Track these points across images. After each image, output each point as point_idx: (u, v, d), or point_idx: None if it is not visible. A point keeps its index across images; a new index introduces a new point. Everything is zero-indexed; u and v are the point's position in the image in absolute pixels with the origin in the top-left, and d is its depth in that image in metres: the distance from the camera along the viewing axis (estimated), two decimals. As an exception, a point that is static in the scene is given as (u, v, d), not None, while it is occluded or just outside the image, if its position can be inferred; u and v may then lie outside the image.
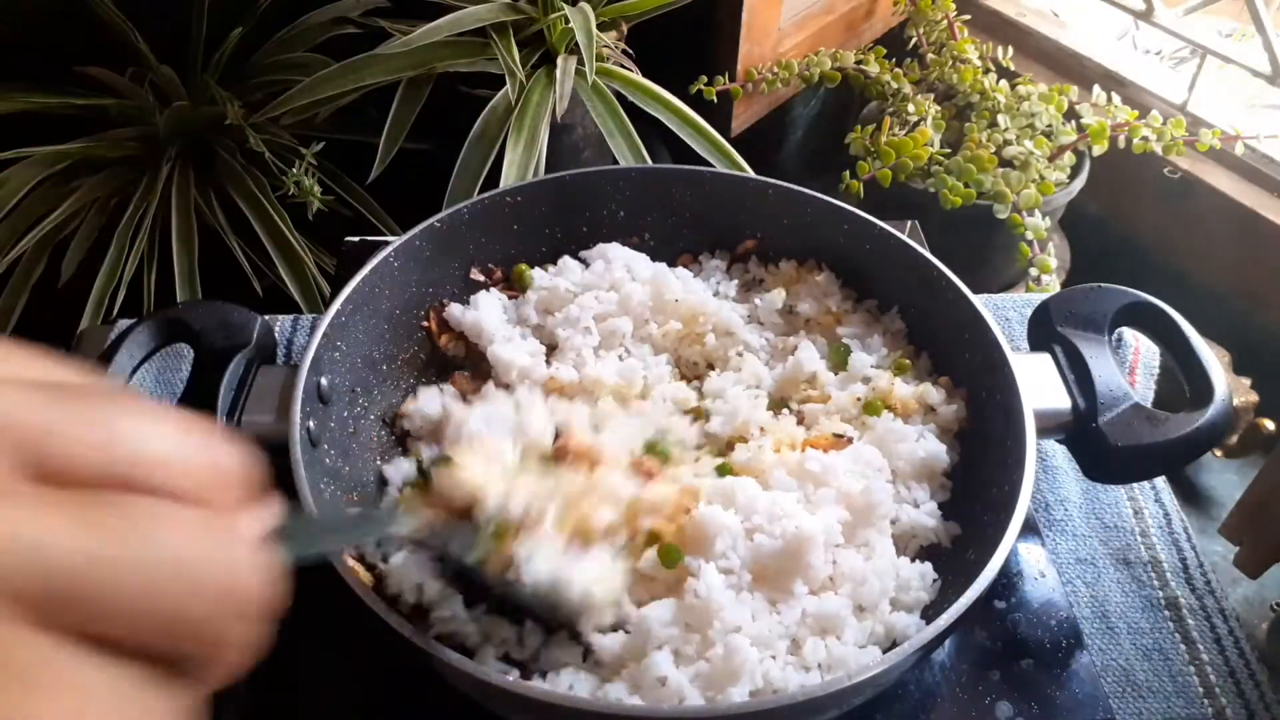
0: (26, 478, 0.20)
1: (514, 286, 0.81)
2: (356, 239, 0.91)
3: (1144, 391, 0.84)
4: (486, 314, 0.76)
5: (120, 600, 0.20)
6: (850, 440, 0.68)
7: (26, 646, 0.18)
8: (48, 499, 0.19)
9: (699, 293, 0.77)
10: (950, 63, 1.47)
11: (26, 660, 0.18)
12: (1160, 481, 0.80)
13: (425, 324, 0.78)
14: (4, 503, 0.19)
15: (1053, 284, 1.31)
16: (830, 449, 0.66)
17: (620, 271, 0.78)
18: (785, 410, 0.71)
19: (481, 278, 0.81)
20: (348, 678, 0.64)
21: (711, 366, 0.76)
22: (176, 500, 0.21)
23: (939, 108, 1.44)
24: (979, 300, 0.70)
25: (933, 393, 0.70)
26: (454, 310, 0.77)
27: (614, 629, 0.58)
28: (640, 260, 0.80)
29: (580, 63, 1.19)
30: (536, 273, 0.80)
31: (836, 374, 0.73)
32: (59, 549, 0.19)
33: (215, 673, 0.22)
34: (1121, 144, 1.34)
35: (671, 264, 0.81)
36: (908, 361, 0.73)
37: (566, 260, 0.81)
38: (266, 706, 0.63)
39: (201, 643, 0.21)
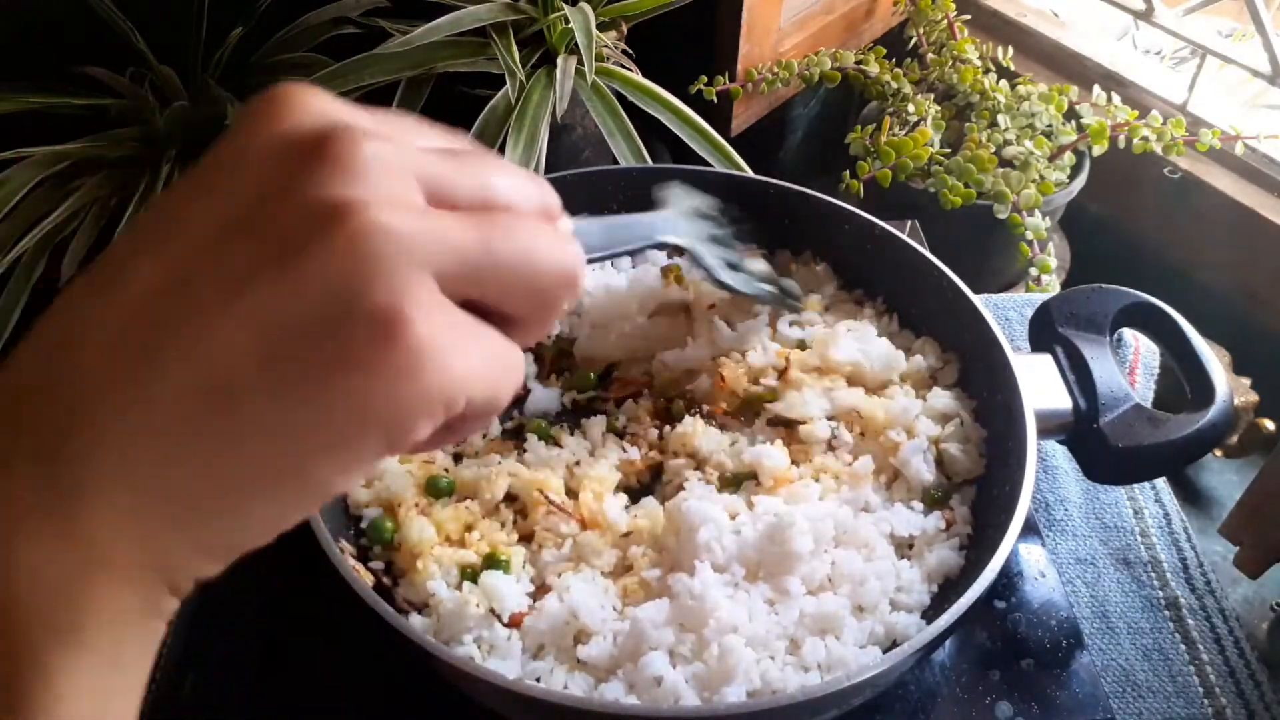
0: (431, 203, 0.28)
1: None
2: (356, 239, 0.91)
3: (1144, 392, 0.84)
4: None
5: (503, 275, 0.29)
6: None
7: (447, 310, 0.27)
8: (449, 213, 0.28)
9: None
10: (950, 63, 1.46)
11: (448, 319, 0.27)
12: (1160, 481, 0.80)
13: None
14: (426, 216, 0.27)
15: (1053, 284, 1.31)
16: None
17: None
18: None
19: None
20: (346, 676, 0.64)
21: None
22: (523, 214, 0.30)
23: (939, 108, 1.44)
24: (979, 300, 0.70)
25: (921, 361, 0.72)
26: None
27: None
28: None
29: (580, 63, 1.19)
30: None
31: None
32: (465, 240, 0.28)
33: (539, 330, 0.31)
34: (1121, 144, 1.34)
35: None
36: None
37: None
38: (266, 707, 0.63)
39: (544, 306, 0.31)
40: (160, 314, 0.26)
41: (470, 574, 0.60)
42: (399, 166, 0.27)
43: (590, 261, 0.46)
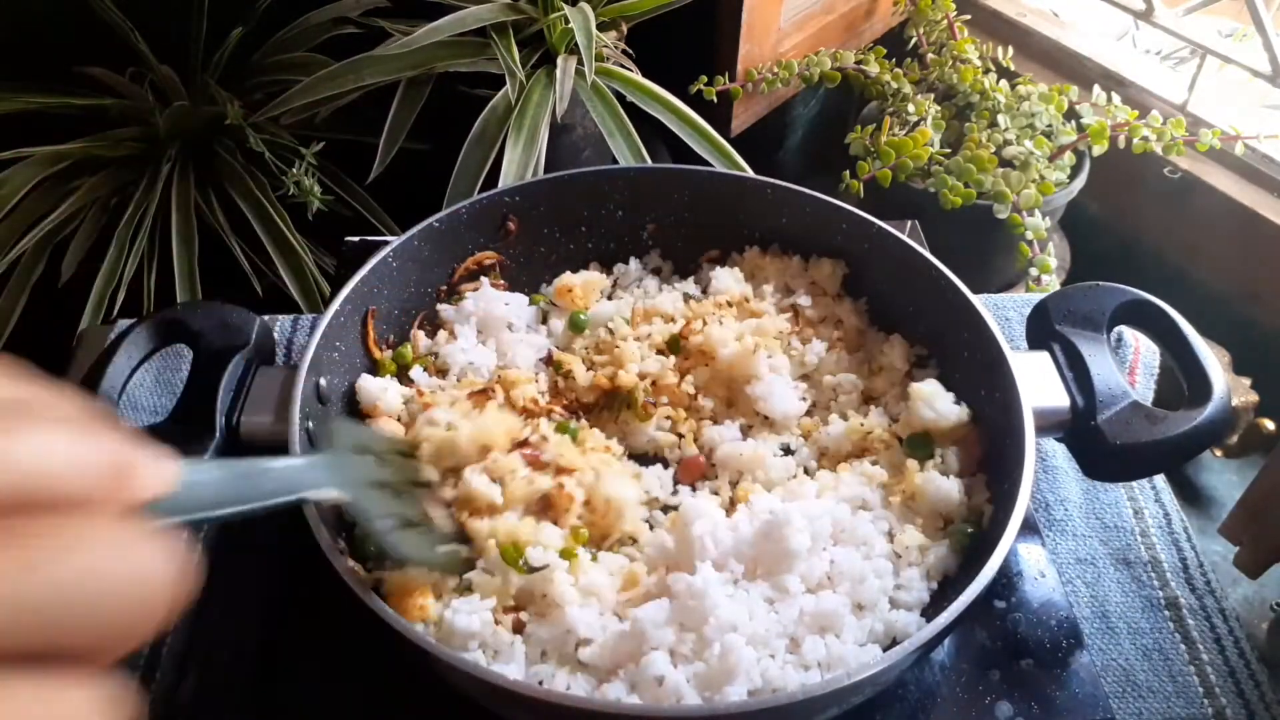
0: None
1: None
2: (356, 239, 0.91)
3: (1144, 391, 0.84)
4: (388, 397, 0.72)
5: (37, 617, 0.21)
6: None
7: None
8: None
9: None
10: (950, 63, 1.46)
11: None
12: (1160, 481, 0.80)
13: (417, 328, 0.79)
14: None
15: (1053, 284, 1.31)
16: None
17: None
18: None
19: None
20: (347, 676, 0.63)
21: None
22: (79, 509, 0.23)
23: (939, 108, 1.44)
24: (979, 300, 0.70)
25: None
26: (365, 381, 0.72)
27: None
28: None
29: (580, 63, 1.19)
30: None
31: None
32: None
33: (115, 656, 0.23)
34: (1121, 144, 1.34)
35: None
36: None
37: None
38: (266, 707, 0.63)
39: (116, 636, 0.22)
40: None
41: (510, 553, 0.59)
42: None
43: (205, 522, 0.37)
